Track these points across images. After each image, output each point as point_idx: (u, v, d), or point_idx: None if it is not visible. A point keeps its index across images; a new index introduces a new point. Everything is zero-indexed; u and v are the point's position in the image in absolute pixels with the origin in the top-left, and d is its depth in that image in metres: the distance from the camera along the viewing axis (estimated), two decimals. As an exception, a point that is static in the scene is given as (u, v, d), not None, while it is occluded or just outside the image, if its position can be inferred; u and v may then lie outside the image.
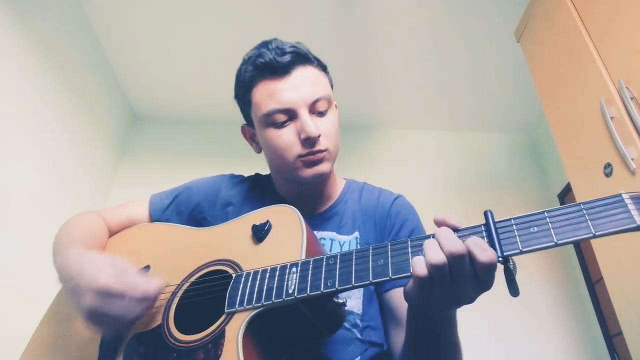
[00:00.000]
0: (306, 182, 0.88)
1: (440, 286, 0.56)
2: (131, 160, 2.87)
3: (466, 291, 0.56)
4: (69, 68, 2.30)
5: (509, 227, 0.56)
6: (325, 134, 0.86)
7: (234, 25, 2.43)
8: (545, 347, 2.34)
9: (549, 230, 0.54)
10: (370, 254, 0.62)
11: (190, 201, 0.99)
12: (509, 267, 0.55)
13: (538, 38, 1.81)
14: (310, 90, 0.86)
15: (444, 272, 0.55)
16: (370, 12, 2.36)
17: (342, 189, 1.01)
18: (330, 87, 0.95)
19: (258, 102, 0.87)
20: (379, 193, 0.99)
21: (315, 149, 0.85)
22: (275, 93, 0.85)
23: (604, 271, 1.43)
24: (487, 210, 0.59)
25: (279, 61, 0.85)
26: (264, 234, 0.74)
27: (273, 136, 0.86)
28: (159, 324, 0.72)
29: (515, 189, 2.84)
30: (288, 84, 0.85)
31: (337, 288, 0.61)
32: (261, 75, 0.87)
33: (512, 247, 0.55)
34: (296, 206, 0.76)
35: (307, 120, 0.84)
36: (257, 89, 0.88)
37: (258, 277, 0.68)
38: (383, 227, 0.92)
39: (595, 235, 0.52)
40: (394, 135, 3.06)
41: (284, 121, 0.85)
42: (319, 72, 0.92)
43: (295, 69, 0.86)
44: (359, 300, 0.85)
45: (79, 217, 0.95)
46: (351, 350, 0.80)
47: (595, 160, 1.43)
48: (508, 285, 0.55)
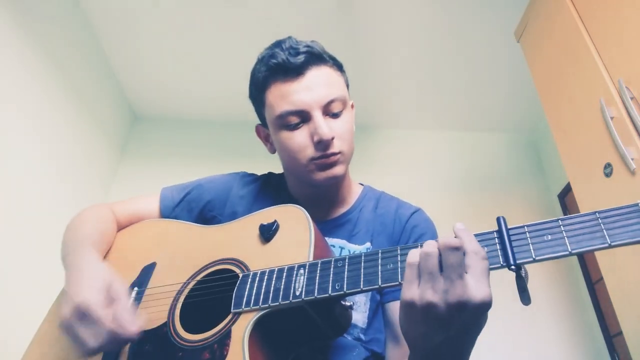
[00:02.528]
0: (320, 185, 0.87)
1: (424, 279, 0.53)
2: (131, 160, 2.86)
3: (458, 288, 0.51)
4: (69, 68, 2.30)
5: (521, 235, 0.55)
6: (339, 135, 0.85)
7: (234, 25, 2.42)
8: (545, 347, 2.34)
9: (564, 239, 0.53)
10: (380, 258, 0.61)
11: (201, 199, 0.98)
12: (521, 275, 0.54)
13: (538, 38, 1.81)
14: (324, 91, 0.84)
15: (431, 263, 0.53)
16: (370, 12, 2.36)
17: (359, 196, 0.98)
18: (345, 87, 0.93)
19: (271, 104, 0.86)
20: (397, 205, 0.96)
21: (328, 152, 0.83)
22: (288, 94, 0.83)
23: (604, 271, 1.43)
24: (499, 216, 0.57)
25: (292, 62, 0.83)
26: (272, 233, 0.73)
27: (286, 138, 0.85)
28: (164, 322, 0.72)
29: (515, 189, 2.84)
30: (301, 85, 0.83)
31: (346, 291, 0.60)
32: (274, 76, 0.85)
33: (525, 255, 0.53)
34: (309, 209, 0.75)
35: (320, 122, 0.82)
36: (271, 90, 0.86)
37: (265, 278, 0.67)
38: (398, 240, 0.89)
39: (611, 246, 0.50)
40: (394, 135, 3.06)
41: (297, 123, 0.84)
42: (334, 71, 0.90)
43: (309, 69, 0.85)
44: (365, 314, 0.82)
45: (91, 211, 0.94)
46: (355, 355, 0.79)
47: (595, 160, 1.43)
48: (520, 293, 0.54)
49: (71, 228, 0.89)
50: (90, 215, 0.93)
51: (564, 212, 2.62)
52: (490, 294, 0.51)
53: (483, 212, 2.61)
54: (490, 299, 0.51)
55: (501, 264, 0.55)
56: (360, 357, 0.79)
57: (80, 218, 0.92)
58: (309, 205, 0.77)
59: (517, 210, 2.72)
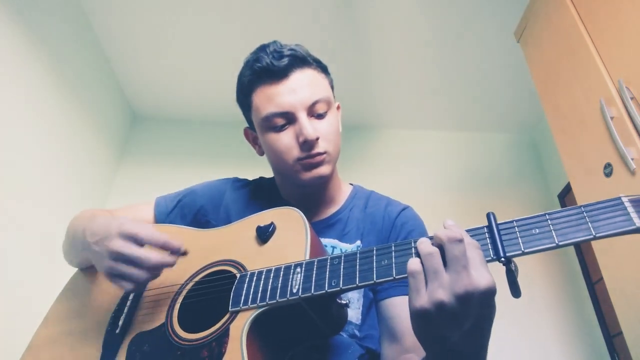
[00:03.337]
0: (307, 185, 0.89)
1: (432, 278, 0.54)
2: (131, 160, 2.87)
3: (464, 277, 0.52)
4: (69, 68, 2.30)
5: (511, 229, 0.57)
6: (324, 136, 0.87)
7: (234, 25, 2.43)
8: (545, 347, 2.34)
9: (550, 232, 0.55)
10: (375, 255, 0.62)
11: (194, 204, 0.99)
12: (511, 268, 0.55)
13: (538, 38, 1.81)
14: (308, 92, 0.86)
15: (436, 261, 0.54)
16: (370, 12, 2.36)
17: (348, 196, 1.00)
18: (330, 88, 0.94)
19: (257, 106, 0.88)
20: (386, 203, 0.98)
21: (313, 152, 0.85)
22: (273, 97, 0.86)
23: (604, 271, 1.44)
24: (489, 212, 0.59)
25: (276, 65, 0.85)
26: (269, 235, 0.74)
27: (273, 140, 0.87)
28: (162, 323, 0.73)
29: (515, 189, 2.84)
30: (286, 88, 0.85)
31: (342, 288, 0.61)
32: (259, 79, 0.88)
33: (514, 249, 0.55)
34: (300, 210, 0.76)
35: (304, 123, 0.84)
36: (257, 93, 0.88)
37: (262, 277, 0.68)
38: (387, 237, 0.91)
39: (595, 237, 0.53)
40: (394, 135, 3.06)
41: (282, 125, 0.86)
42: (318, 74, 0.92)
43: (293, 72, 0.87)
44: (358, 310, 0.84)
45: (89, 212, 0.95)
46: (350, 353, 0.80)
47: (595, 160, 1.43)
48: (510, 286, 0.55)
49: (74, 219, 0.91)
50: (89, 214, 0.93)
51: (564, 213, 2.62)
52: (493, 280, 0.53)
53: (483, 212, 2.57)
54: (493, 285, 0.53)
55: (491, 257, 0.56)
56: (355, 354, 0.80)
57: (80, 213, 0.94)
58: (300, 206, 0.79)
59: (517, 210, 2.72)
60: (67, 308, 0.87)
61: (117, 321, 0.77)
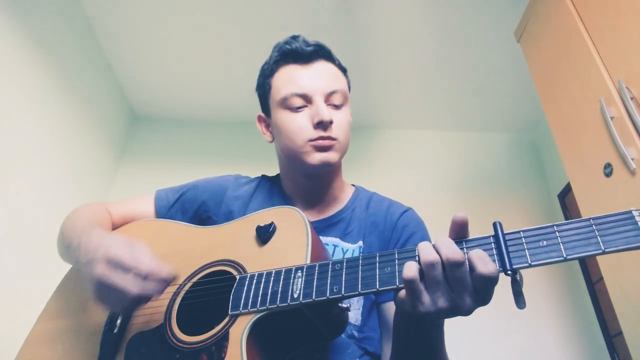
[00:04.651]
0: (313, 170, 0.89)
1: (431, 289, 0.56)
2: (131, 160, 2.86)
3: (465, 301, 0.56)
4: (69, 68, 2.30)
5: (517, 240, 0.56)
6: (338, 124, 0.89)
7: (234, 26, 2.42)
8: (545, 347, 2.34)
9: (558, 245, 0.54)
10: (377, 261, 0.61)
11: (196, 199, 0.99)
12: (516, 279, 0.54)
13: (538, 38, 1.81)
14: (329, 82, 0.91)
15: (436, 274, 0.55)
16: (370, 12, 2.36)
17: (351, 196, 1.00)
18: (347, 88, 0.98)
19: (277, 86, 0.92)
20: (388, 204, 0.98)
21: (325, 135, 0.87)
22: (295, 78, 0.90)
23: (604, 271, 1.43)
24: (496, 221, 0.58)
25: (304, 49, 0.92)
26: (269, 235, 0.73)
27: (287, 119, 0.90)
28: (161, 324, 0.72)
29: (515, 189, 2.84)
30: (308, 72, 0.91)
31: (344, 294, 0.60)
32: (285, 59, 0.93)
33: (521, 261, 0.54)
34: (303, 208, 0.76)
35: (321, 105, 0.88)
36: (279, 73, 0.93)
37: (262, 280, 0.67)
38: (388, 238, 0.91)
39: (604, 252, 0.51)
40: (394, 135, 3.06)
41: (299, 106, 0.89)
42: (339, 71, 0.97)
43: (318, 61, 0.93)
44: (358, 311, 0.84)
45: (87, 207, 0.94)
46: (350, 353, 0.80)
47: (595, 160, 1.43)
48: (515, 297, 0.55)
49: (68, 223, 0.90)
50: (86, 210, 0.93)
51: (564, 212, 2.62)
52: (497, 270, 0.55)
53: (483, 212, 2.61)
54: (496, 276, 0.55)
55: (498, 268, 0.55)
56: (355, 355, 0.80)
57: (77, 212, 0.92)
58: (303, 204, 0.78)
59: (517, 210, 2.72)
60: (64, 304, 0.86)
61: (115, 320, 0.76)
